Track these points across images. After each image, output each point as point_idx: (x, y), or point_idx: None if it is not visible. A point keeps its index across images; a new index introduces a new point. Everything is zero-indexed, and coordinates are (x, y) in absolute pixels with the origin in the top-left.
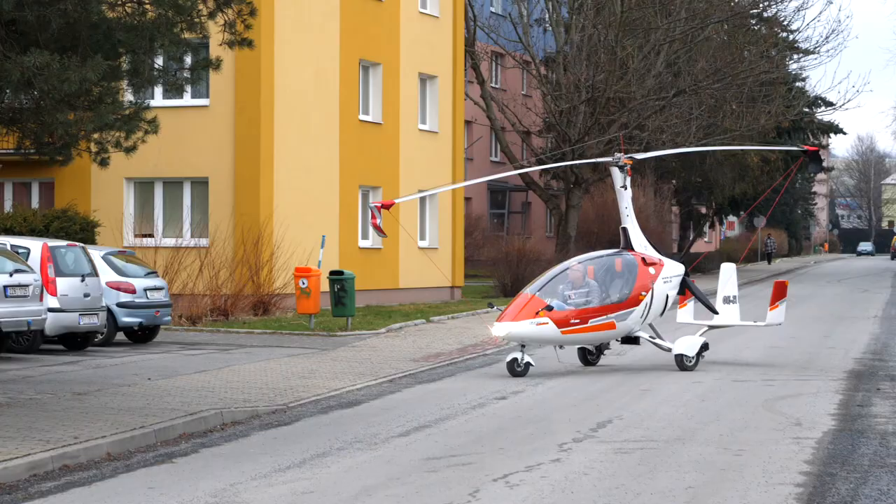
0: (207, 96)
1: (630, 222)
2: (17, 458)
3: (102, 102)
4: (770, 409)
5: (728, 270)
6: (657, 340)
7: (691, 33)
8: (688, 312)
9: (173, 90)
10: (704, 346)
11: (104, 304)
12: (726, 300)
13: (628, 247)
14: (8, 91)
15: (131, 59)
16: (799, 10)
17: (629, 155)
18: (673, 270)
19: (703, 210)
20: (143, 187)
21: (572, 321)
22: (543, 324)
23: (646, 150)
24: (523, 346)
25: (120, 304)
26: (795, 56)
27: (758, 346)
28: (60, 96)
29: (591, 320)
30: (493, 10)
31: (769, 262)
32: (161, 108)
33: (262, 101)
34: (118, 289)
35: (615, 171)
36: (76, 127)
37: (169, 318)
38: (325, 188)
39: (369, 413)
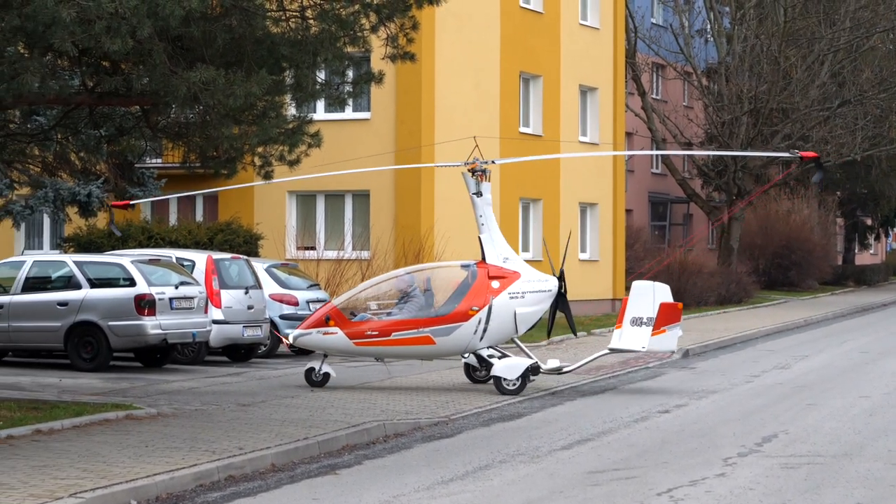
0: (369, 109)
1: (485, 231)
2: (183, 468)
3: (266, 117)
4: None
5: (640, 290)
6: (493, 359)
7: (856, 43)
8: (665, 339)
9: (336, 104)
10: (533, 370)
11: (267, 316)
12: (635, 322)
13: (483, 259)
14: (174, 106)
15: (295, 74)
16: None
17: (490, 160)
18: (530, 286)
19: (869, 222)
20: (306, 200)
21: (368, 333)
22: (331, 333)
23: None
24: (325, 355)
25: (283, 317)
26: None
27: None
28: (225, 111)
29: (394, 333)
30: (654, 21)
31: None
32: (323, 121)
33: (423, 114)
34: (281, 301)
35: (466, 177)
36: (241, 141)
37: None
38: None
39: (531, 426)
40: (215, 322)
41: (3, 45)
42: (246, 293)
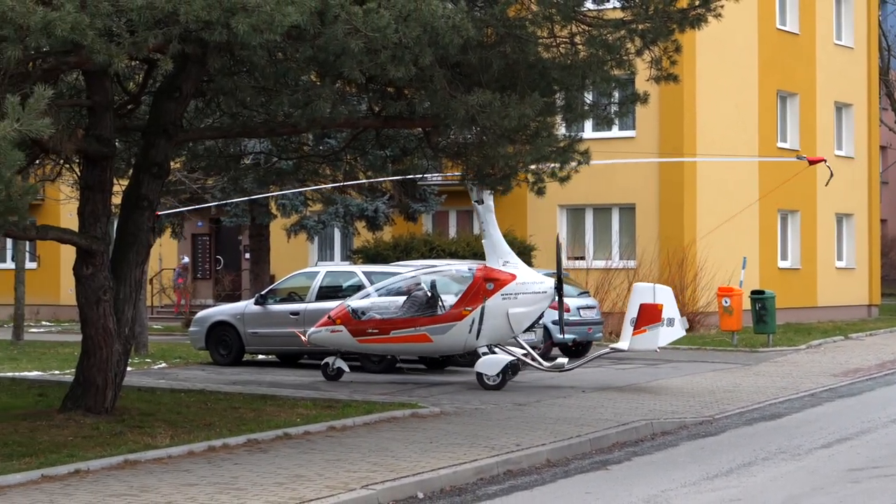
0: (634, 128)
1: (487, 237)
2: (465, 462)
3: (539, 136)
4: None
5: (641, 291)
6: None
7: None
8: (646, 339)
9: (603, 123)
10: (512, 368)
11: (542, 322)
12: (633, 322)
13: (485, 262)
14: (454, 127)
15: (565, 96)
16: None
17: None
18: (523, 287)
19: None
20: (575, 213)
21: (369, 331)
22: (337, 331)
23: None
24: (339, 351)
25: (555, 322)
26: None
27: None
28: (501, 131)
29: (393, 331)
30: None
31: None
32: (591, 139)
33: (685, 131)
34: (553, 307)
35: (468, 185)
36: (515, 159)
37: (600, 334)
38: (745, 212)
39: (791, 425)
40: None
41: (298, 74)
42: None
